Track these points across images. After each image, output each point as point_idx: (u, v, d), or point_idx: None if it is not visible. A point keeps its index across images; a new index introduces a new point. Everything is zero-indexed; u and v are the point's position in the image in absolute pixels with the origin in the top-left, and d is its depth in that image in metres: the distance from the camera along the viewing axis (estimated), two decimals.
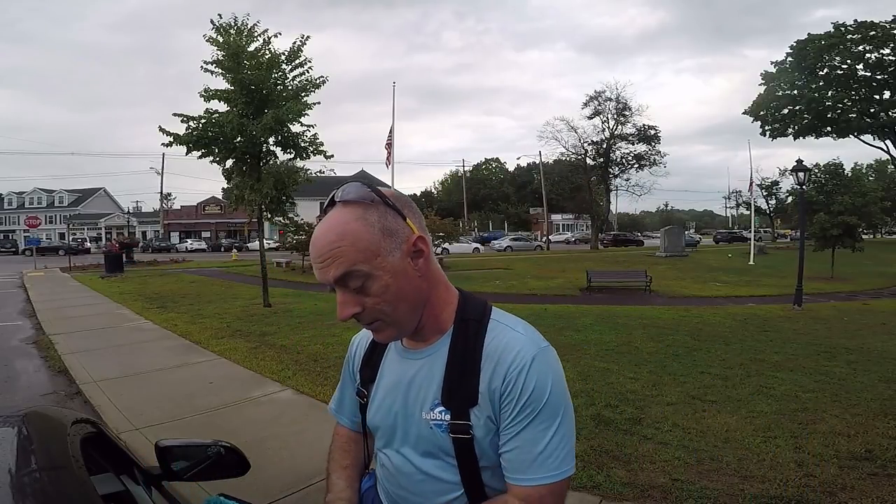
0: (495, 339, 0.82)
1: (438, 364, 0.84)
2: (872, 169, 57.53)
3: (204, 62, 9.57)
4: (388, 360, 0.94)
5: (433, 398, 0.83)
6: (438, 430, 0.81)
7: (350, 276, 0.77)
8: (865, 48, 34.62)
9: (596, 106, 37.90)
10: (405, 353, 0.91)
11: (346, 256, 0.76)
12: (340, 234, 0.77)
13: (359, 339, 1.05)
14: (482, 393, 0.79)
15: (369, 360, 0.98)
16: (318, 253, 0.78)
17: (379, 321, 0.81)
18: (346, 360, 1.06)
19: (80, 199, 62.58)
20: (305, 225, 20.67)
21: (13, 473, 0.81)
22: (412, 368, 0.88)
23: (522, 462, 0.78)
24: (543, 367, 0.79)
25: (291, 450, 3.47)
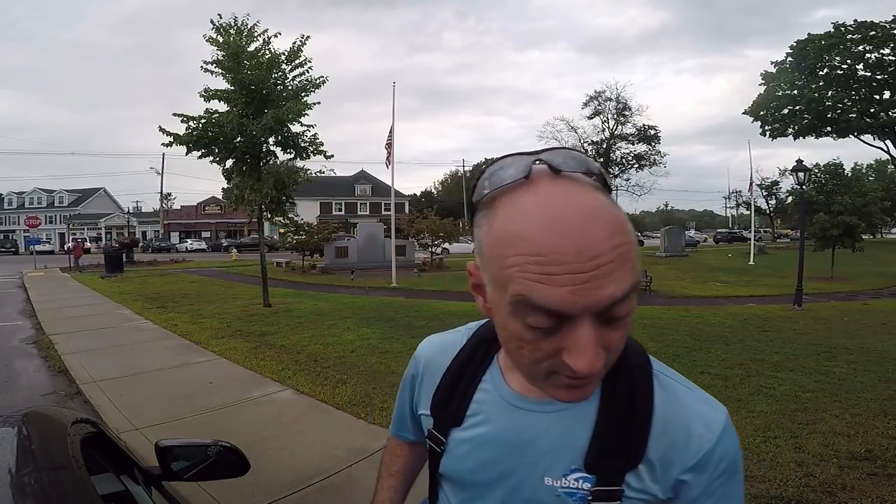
0: (669, 399, 0.63)
1: (581, 419, 0.63)
2: (872, 169, 57.49)
3: (204, 62, 9.58)
4: (488, 405, 0.69)
5: (569, 462, 0.63)
6: (569, 499, 0.62)
7: (622, 300, 0.49)
8: (865, 48, 34.63)
9: (596, 106, 38.04)
10: (521, 402, 0.67)
11: (633, 263, 0.50)
12: (623, 227, 0.50)
13: (425, 359, 0.81)
14: (649, 460, 0.61)
15: (449, 396, 0.73)
16: (588, 251, 0.47)
17: (599, 371, 0.53)
18: (407, 382, 0.85)
19: (80, 199, 62.58)
20: (305, 225, 20.72)
21: (13, 473, 0.81)
22: (536, 423, 0.65)
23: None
24: (733, 436, 0.64)
25: (291, 450, 3.47)
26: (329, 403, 4.41)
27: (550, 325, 0.50)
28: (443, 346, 0.80)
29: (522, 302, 0.49)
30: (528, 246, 0.48)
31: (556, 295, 0.47)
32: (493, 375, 0.71)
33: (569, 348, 0.50)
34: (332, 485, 2.99)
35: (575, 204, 0.49)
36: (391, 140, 14.91)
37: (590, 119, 38.80)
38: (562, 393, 0.56)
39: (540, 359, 0.53)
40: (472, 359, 0.74)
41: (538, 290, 0.48)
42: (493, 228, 0.52)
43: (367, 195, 59.37)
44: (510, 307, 0.51)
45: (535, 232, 0.48)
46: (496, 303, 0.54)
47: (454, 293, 12.74)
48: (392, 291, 13.35)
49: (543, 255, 0.47)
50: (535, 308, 0.49)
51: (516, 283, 0.49)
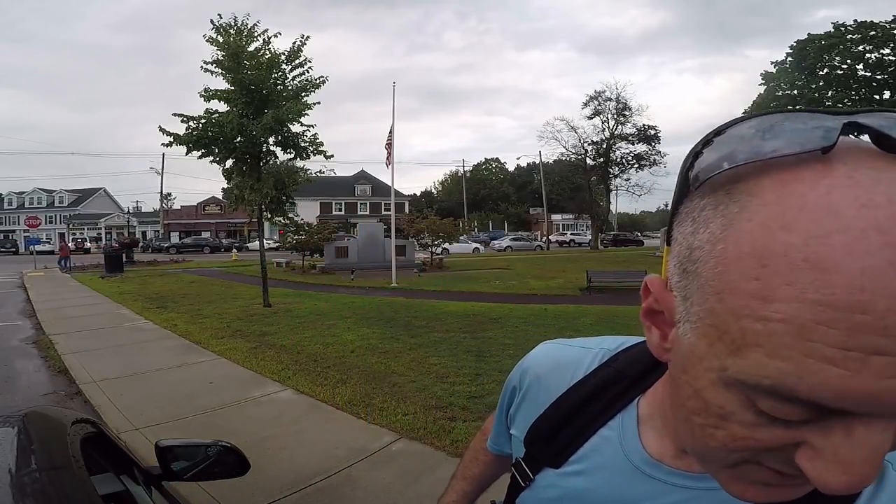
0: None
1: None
2: None
3: (204, 62, 9.59)
4: (603, 457, 0.53)
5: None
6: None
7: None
8: (865, 48, 34.67)
9: (596, 106, 38.00)
10: (652, 469, 0.49)
11: None
12: None
13: (534, 374, 0.64)
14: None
15: (554, 432, 0.57)
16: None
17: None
18: (507, 392, 0.70)
19: (80, 199, 62.58)
20: (305, 225, 20.72)
21: (13, 473, 0.81)
22: (664, 496, 0.47)
23: None
24: None
25: (291, 450, 3.47)
26: (329, 403, 4.41)
27: (803, 419, 0.29)
28: (562, 363, 0.62)
29: (775, 388, 0.28)
30: (831, 285, 0.25)
31: (862, 389, 0.26)
32: (625, 423, 0.53)
33: (824, 455, 0.29)
34: (332, 485, 2.99)
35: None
36: (391, 140, 14.92)
37: (590, 119, 38.77)
38: (752, 490, 0.34)
39: (743, 449, 0.32)
40: (600, 396, 0.56)
41: (827, 376, 0.26)
42: (735, 231, 0.29)
43: (367, 195, 59.39)
44: (732, 382, 0.30)
45: (850, 260, 0.25)
46: (697, 356, 0.33)
47: (454, 293, 12.75)
48: (392, 291, 13.35)
49: (863, 312, 0.24)
50: (791, 399, 0.28)
51: (776, 356, 0.27)
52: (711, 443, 0.34)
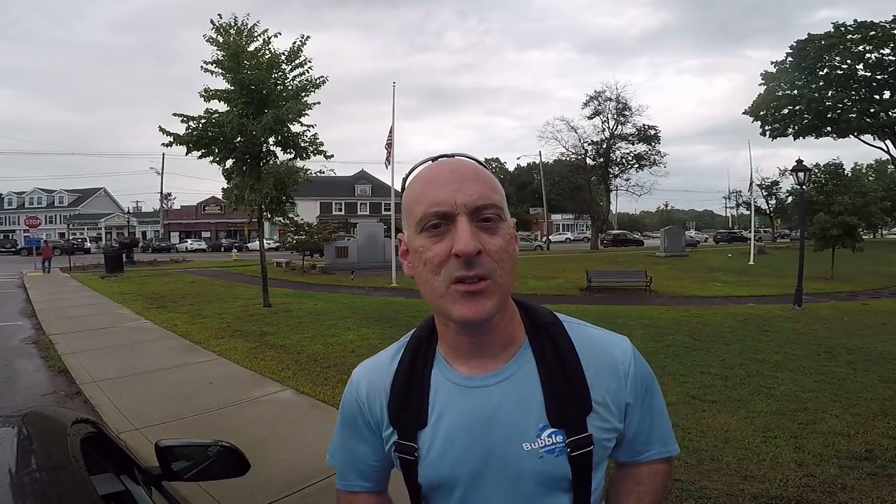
0: (584, 341, 0.75)
1: (528, 382, 0.72)
2: (872, 169, 57.45)
3: (204, 62, 9.58)
4: (444, 395, 0.74)
5: (536, 423, 0.70)
6: (551, 456, 0.69)
7: (487, 207, 0.66)
8: (865, 48, 34.61)
9: (596, 106, 37.93)
10: (470, 382, 0.73)
11: (486, 184, 0.68)
12: (477, 168, 0.70)
13: (365, 384, 0.80)
14: (597, 400, 0.71)
15: (405, 402, 0.75)
16: (454, 173, 0.68)
17: (490, 280, 0.65)
18: (348, 412, 0.81)
19: (80, 199, 62.56)
20: (305, 225, 20.71)
21: (13, 473, 0.81)
22: (491, 397, 0.71)
23: (653, 438, 0.78)
24: (641, 357, 0.78)
25: (291, 450, 3.47)
26: (329, 403, 4.41)
27: (439, 225, 0.66)
28: (376, 364, 0.81)
29: (422, 215, 0.67)
30: (423, 180, 0.70)
31: (439, 195, 0.66)
32: (440, 365, 0.76)
33: (454, 241, 0.64)
34: (332, 485, 2.97)
35: (447, 161, 0.72)
36: (391, 140, 14.91)
37: (590, 119, 38.68)
38: (461, 307, 0.65)
39: (438, 265, 0.66)
40: (416, 359, 0.77)
41: (428, 196, 0.67)
42: (406, 194, 0.73)
43: (367, 195, 59.36)
44: (416, 227, 0.68)
45: (414, 189, 0.70)
46: (409, 240, 0.70)
47: None
48: (392, 291, 13.35)
49: (430, 178, 0.69)
50: (428, 215, 0.66)
51: (420, 209, 0.67)
52: (431, 278, 0.67)
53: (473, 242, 0.63)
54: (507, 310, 0.73)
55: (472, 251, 0.63)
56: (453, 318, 0.67)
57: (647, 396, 0.77)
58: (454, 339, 0.73)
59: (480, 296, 0.65)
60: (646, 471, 0.80)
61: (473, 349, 0.73)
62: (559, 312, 0.80)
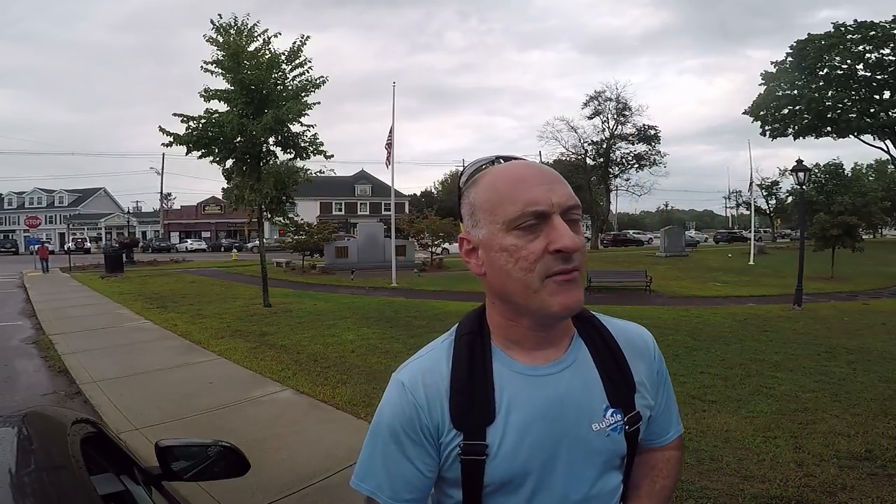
0: (618, 330, 0.83)
1: (587, 367, 0.77)
2: (872, 169, 57.41)
3: (204, 62, 9.58)
4: (510, 391, 0.73)
5: (600, 404, 0.75)
6: (615, 433, 0.75)
7: (574, 208, 0.70)
8: (865, 48, 34.58)
9: (596, 106, 37.92)
10: (540, 371, 0.75)
11: (568, 185, 0.72)
12: (556, 171, 0.74)
13: (422, 386, 0.74)
14: (637, 380, 0.79)
15: (469, 399, 0.72)
16: (543, 175, 0.71)
17: (579, 271, 0.70)
18: (400, 421, 0.74)
19: (80, 199, 62.54)
20: (305, 225, 20.70)
21: (13, 473, 0.81)
22: (559, 384, 0.74)
23: (671, 418, 0.88)
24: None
25: (291, 450, 3.47)
26: (329, 403, 4.41)
27: (534, 223, 0.67)
28: (429, 364, 0.77)
29: (518, 214, 0.67)
30: (511, 179, 0.71)
31: (535, 194, 0.67)
32: (500, 358, 0.76)
33: (553, 239, 0.67)
34: (332, 485, 2.99)
35: (527, 162, 0.75)
36: (391, 140, 14.92)
37: (590, 119, 38.66)
38: (560, 297, 0.68)
39: (533, 262, 0.67)
40: (473, 354, 0.75)
41: (523, 195, 0.68)
42: (476, 191, 0.74)
43: (367, 195, 59.36)
44: (506, 225, 0.68)
45: (494, 186, 0.71)
46: (490, 235, 0.70)
47: (454, 293, 12.74)
48: (392, 291, 13.35)
49: (521, 177, 0.70)
50: (526, 214, 0.67)
51: (509, 207, 0.68)
52: (524, 275, 0.68)
53: (579, 239, 0.68)
54: None
55: (579, 246, 0.68)
56: (553, 308, 0.68)
57: (665, 377, 0.86)
58: (522, 334, 0.75)
59: (574, 285, 0.69)
60: (660, 456, 0.87)
61: (541, 341, 0.75)
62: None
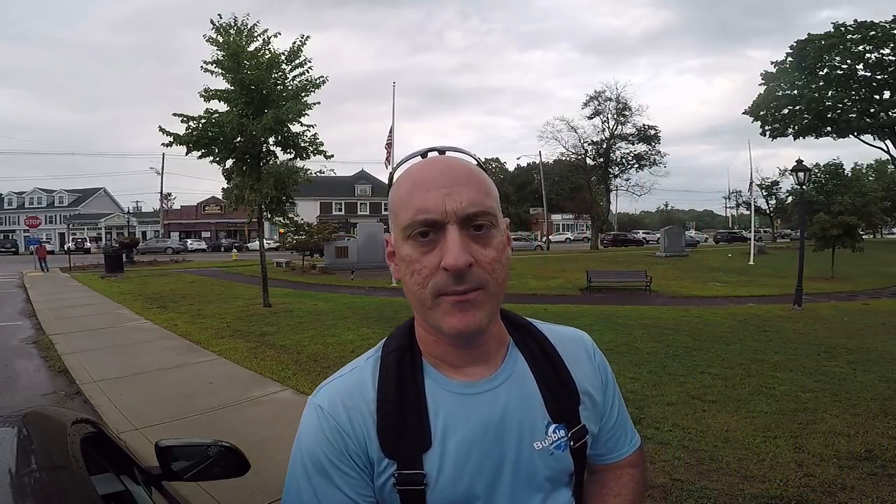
0: (556, 337, 0.76)
1: (525, 380, 0.70)
2: (872, 169, 57.46)
3: (204, 62, 9.58)
4: (444, 412, 0.66)
5: (542, 420, 0.69)
6: (559, 451, 0.69)
7: (479, 215, 0.61)
8: (865, 48, 34.59)
9: (596, 106, 37.90)
10: (474, 388, 0.68)
11: (479, 187, 0.63)
12: (470, 170, 0.65)
13: (344, 409, 0.67)
14: (582, 391, 0.73)
15: (401, 425, 0.65)
16: (443, 176, 0.62)
17: (482, 290, 0.61)
18: (324, 450, 0.66)
19: (80, 199, 62.52)
20: (305, 225, 20.70)
21: (13, 473, 0.81)
22: (498, 400, 0.68)
23: (625, 431, 0.81)
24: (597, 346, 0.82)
25: (291, 450, 3.46)
26: None
27: (427, 234, 0.61)
28: (351, 384, 0.69)
29: (409, 222, 0.62)
30: (411, 182, 0.64)
31: (427, 200, 0.61)
32: (432, 377, 0.69)
33: (443, 254, 0.60)
34: None
35: (440, 159, 0.67)
36: (391, 140, 14.92)
37: (590, 119, 38.63)
38: (452, 319, 0.61)
39: (426, 277, 0.61)
40: (402, 372, 0.68)
41: (415, 200, 0.62)
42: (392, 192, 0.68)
43: (367, 195, 59.36)
44: (402, 233, 0.63)
45: (401, 188, 0.65)
46: (395, 246, 0.66)
47: None
48: (392, 291, 13.35)
49: (418, 181, 0.63)
50: (415, 223, 0.61)
51: (406, 213, 0.63)
52: (418, 290, 0.62)
53: (464, 256, 0.59)
54: (496, 318, 0.69)
55: (463, 266, 0.59)
56: (444, 330, 0.62)
57: (611, 384, 0.79)
58: (447, 350, 0.68)
59: (471, 306, 0.61)
60: (612, 475, 0.80)
61: (469, 357, 0.68)
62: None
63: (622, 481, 0.79)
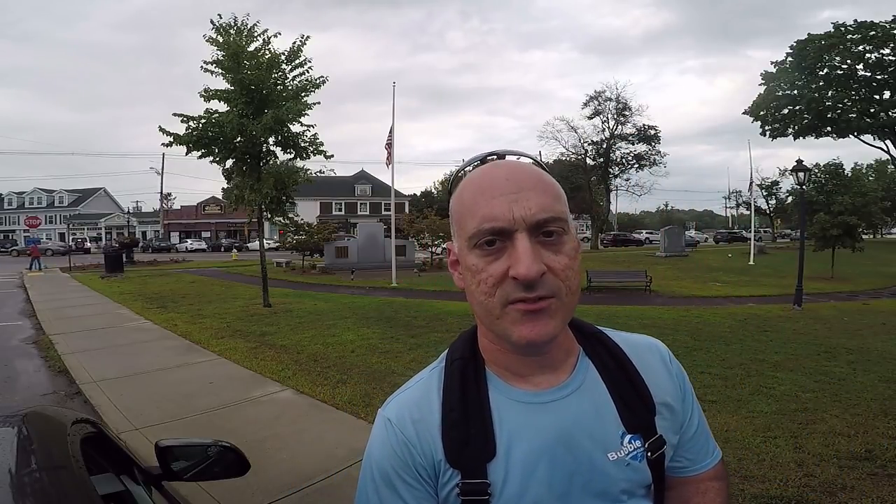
0: (629, 346, 0.74)
1: (597, 389, 0.68)
2: (872, 169, 57.44)
3: (204, 62, 9.58)
4: (510, 422, 0.65)
5: (616, 430, 0.66)
6: (636, 462, 0.66)
7: (549, 221, 0.59)
8: (865, 48, 34.58)
9: (596, 106, 37.95)
10: (541, 398, 0.66)
11: (547, 192, 0.61)
12: (538, 173, 0.63)
13: (411, 421, 0.67)
14: (657, 400, 0.69)
15: (465, 433, 0.64)
16: (510, 182, 0.60)
17: (555, 298, 0.59)
18: (392, 462, 0.66)
19: (80, 199, 62.55)
20: (305, 225, 20.71)
21: (13, 473, 0.81)
22: (568, 410, 0.65)
23: (706, 442, 0.77)
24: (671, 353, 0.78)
25: (291, 450, 3.47)
26: (329, 403, 4.41)
27: (493, 242, 0.59)
28: (417, 397, 0.69)
29: (475, 231, 0.60)
30: (475, 187, 0.62)
31: (494, 208, 0.59)
32: (496, 386, 0.67)
33: (512, 262, 0.58)
34: (332, 485, 2.99)
35: (507, 163, 0.65)
36: (391, 140, 14.91)
37: (590, 119, 38.70)
38: (522, 328, 0.59)
39: (493, 286, 0.59)
40: (466, 383, 0.67)
41: (481, 208, 0.60)
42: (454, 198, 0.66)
43: (367, 195, 59.35)
44: (468, 242, 0.61)
45: (466, 193, 0.63)
46: (461, 254, 0.64)
47: (454, 293, 12.72)
48: (392, 291, 13.35)
49: (484, 186, 0.61)
50: (482, 231, 0.59)
51: (471, 222, 0.61)
52: (485, 300, 0.60)
53: (536, 266, 0.57)
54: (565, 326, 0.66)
55: (536, 276, 0.56)
56: (513, 340, 0.60)
57: (689, 392, 0.76)
58: (512, 359, 0.66)
59: (543, 315, 0.59)
60: (694, 489, 0.75)
61: (536, 366, 0.66)
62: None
63: (708, 496, 0.74)
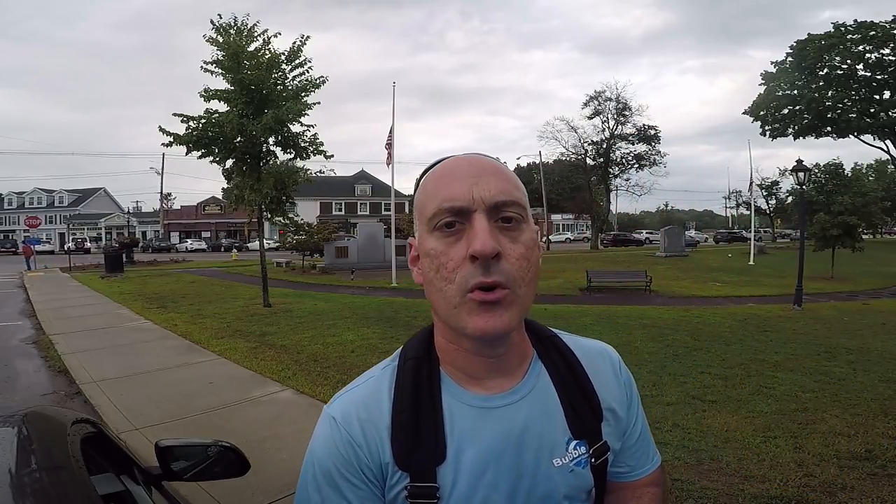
0: (581, 351, 0.74)
1: (547, 395, 0.68)
2: (872, 169, 57.43)
3: (204, 62, 9.58)
4: (461, 426, 0.64)
5: (562, 436, 0.66)
6: (579, 468, 0.66)
7: (508, 204, 0.60)
8: (865, 48, 34.58)
9: (596, 106, 37.91)
10: (493, 402, 0.66)
11: (507, 180, 0.62)
12: (499, 165, 0.64)
13: (358, 421, 0.65)
14: (606, 406, 0.70)
15: (415, 435, 0.63)
16: (471, 167, 0.62)
17: (509, 290, 0.59)
18: (336, 462, 0.64)
19: (80, 199, 62.53)
20: (305, 225, 20.71)
21: (13, 473, 0.81)
22: (518, 415, 0.65)
23: (647, 448, 0.77)
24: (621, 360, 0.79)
25: (291, 450, 3.47)
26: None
27: (453, 224, 0.60)
28: (366, 395, 0.68)
29: (435, 212, 0.60)
30: (437, 175, 0.64)
31: (454, 189, 0.60)
32: (449, 389, 0.66)
33: (469, 241, 0.58)
34: None
35: (470, 155, 0.66)
36: (391, 140, 14.91)
37: (590, 119, 38.65)
38: (477, 319, 0.58)
39: (452, 271, 0.59)
40: (419, 383, 0.66)
41: (442, 191, 0.61)
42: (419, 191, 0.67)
43: (367, 195, 59.35)
44: (427, 226, 0.62)
45: (439, 167, 0.65)
46: (419, 242, 0.64)
47: None
48: (392, 291, 13.35)
49: (446, 172, 0.63)
50: (441, 211, 0.60)
51: (432, 204, 0.61)
52: (444, 286, 0.59)
53: (492, 242, 0.57)
54: (521, 323, 0.66)
55: (491, 251, 0.56)
56: (467, 331, 0.59)
57: (635, 400, 0.76)
58: (467, 359, 0.66)
59: (498, 307, 0.58)
60: (631, 494, 0.76)
61: (490, 368, 0.66)
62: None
63: (643, 500, 0.75)
